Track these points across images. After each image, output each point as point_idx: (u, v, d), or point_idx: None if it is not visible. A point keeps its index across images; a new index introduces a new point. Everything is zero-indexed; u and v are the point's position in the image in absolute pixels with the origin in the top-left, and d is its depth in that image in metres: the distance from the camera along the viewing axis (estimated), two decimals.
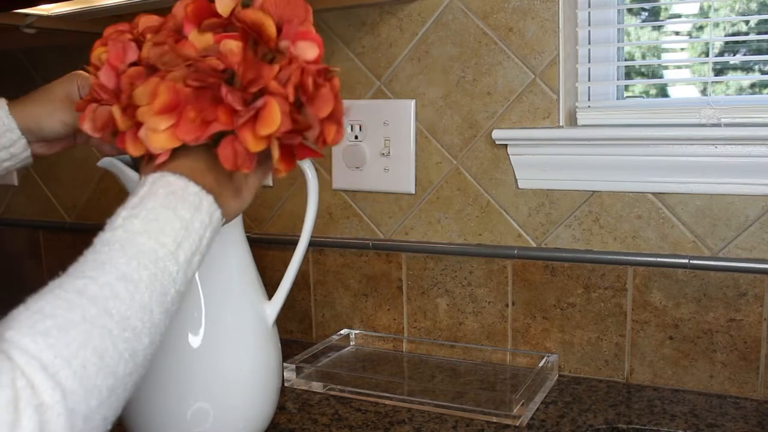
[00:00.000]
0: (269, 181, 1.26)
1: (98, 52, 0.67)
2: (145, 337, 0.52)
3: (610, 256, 1.01)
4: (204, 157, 0.62)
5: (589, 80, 1.08)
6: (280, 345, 0.83)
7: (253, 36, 0.62)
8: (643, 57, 1.12)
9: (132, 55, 0.65)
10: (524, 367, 1.07)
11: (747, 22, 1.03)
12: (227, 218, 0.64)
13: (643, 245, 1.00)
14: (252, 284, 0.80)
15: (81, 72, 0.80)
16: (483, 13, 1.05)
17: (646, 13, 1.09)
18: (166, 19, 0.67)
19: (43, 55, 1.49)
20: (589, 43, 1.06)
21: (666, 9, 1.07)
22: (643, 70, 1.12)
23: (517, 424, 0.88)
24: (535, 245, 1.06)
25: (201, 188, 0.60)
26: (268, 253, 1.25)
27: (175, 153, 0.62)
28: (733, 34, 1.04)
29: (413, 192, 1.14)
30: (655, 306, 0.99)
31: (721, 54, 1.04)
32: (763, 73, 1.02)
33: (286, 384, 1.03)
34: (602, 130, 0.98)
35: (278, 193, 1.26)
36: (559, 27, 1.01)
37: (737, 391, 0.96)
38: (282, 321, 1.25)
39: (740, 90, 1.03)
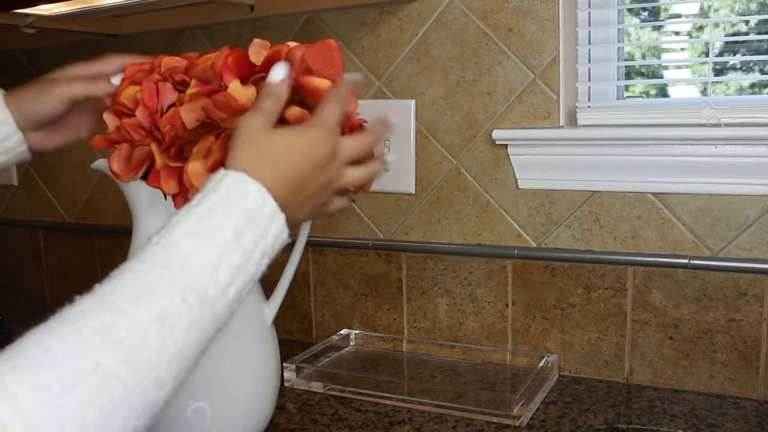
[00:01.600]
0: None
1: (131, 92, 0.68)
2: (169, 384, 0.45)
3: (610, 256, 1.01)
4: (304, 164, 0.55)
5: (589, 80, 1.08)
6: (278, 345, 0.83)
7: (310, 100, 0.64)
8: (643, 57, 1.12)
9: (170, 97, 0.66)
10: (524, 367, 1.07)
11: (747, 22, 1.03)
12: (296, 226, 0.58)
13: (643, 245, 1.00)
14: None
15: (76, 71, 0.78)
16: (483, 13, 1.05)
17: (646, 13, 1.09)
18: (193, 63, 0.69)
19: (43, 55, 1.49)
20: (589, 43, 1.06)
21: (666, 9, 1.07)
22: (643, 70, 1.12)
23: (517, 424, 0.88)
24: (535, 245, 1.06)
25: (277, 207, 0.52)
26: None
27: (275, 144, 0.55)
28: (733, 34, 1.04)
29: (413, 192, 1.14)
30: (655, 306, 0.99)
31: (721, 54, 1.04)
32: (763, 73, 1.02)
33: (286, 384, 1.03)
34: (602, 130, 0.98)
35: None
36: (559, 27, 1.01)
37: (737, 391, 0.96)
38: (282, 321, 1.25)
39: (740, 90, 1.03)
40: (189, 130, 0.65)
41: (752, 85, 1.03)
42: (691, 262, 0.96)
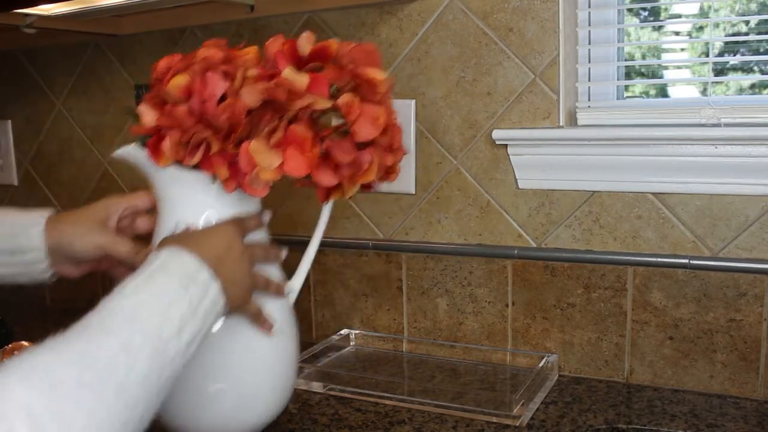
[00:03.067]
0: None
1: (179, 81, 0.71)
2: (140, 406, 0.51)
3: (610, 256, 1.01)
4: (221, 248, 0.67)
5: (589, 80, 1.08)
6: (297, 328, 0.84)
7: (363, 89, 0.73)
8: (643, 57, 1.12)
9: (221, 86, 0.70)
10: (524, 367, 1.07)
11: (747, 23, 1.03)
12: (230, 308, 0.67)
13: (643, 245, 1.00)
14: (271, 267, 0.80)
15: (118, 199, 0.84)
16: (483, 13, 1.05)
17: (646, 13, 1.09)
18: (234, 54, 0.74)
19: (43, 55, 1.49)
20: (589, 43, 1.06)
21: (666, 9, 1.07)
22: (643, 70, 1.12)
23: (517, 424, 0.88)
24: (535, 245, 1.06)
25: (212, 274, 0.62)
26: None
27: (194, 236, 0.69)
28: (733, 35, 1.04)
29: (413, 192, 1.14)
30: (655, 306, 0.99)
31: (721, 54, 1.04)
32: (763, 73, 1.02)
33: None
34: (602, 130, 0.98)
35: (277, 195, 1.26)
36: (559, 27, 1.01)
37: (737, 391, 0.96)
38: None
39: (740, 90, 1.03)
40: (245, 117, 0.69)
41: (752, 86, 1.03)
42: (691, 262, 0.96)
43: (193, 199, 0.76)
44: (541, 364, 1.02)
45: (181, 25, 1.29)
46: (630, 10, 1.07)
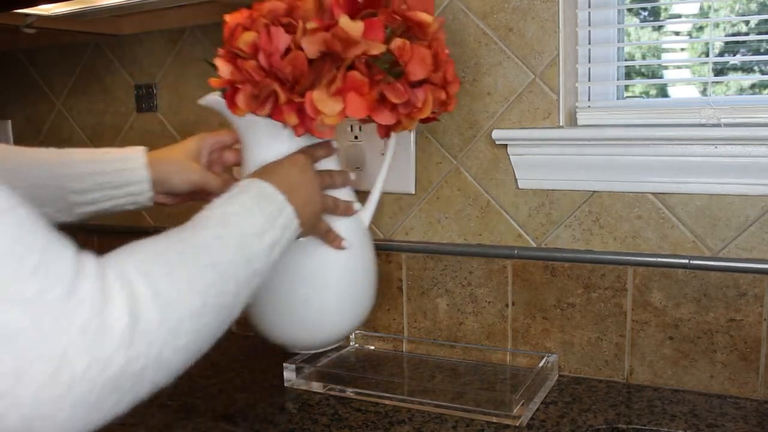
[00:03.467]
0: None
1: (247, 37, 0.76)
2: (231, 283, 0.60)
3: (610, 256, 1.01)
4: (293, 177, 0.76)
5: (589, 80, 1.08)
6: (374, 246, 0.94)
7: (413, 31, 0.81)
8: (643, 57, 1.12)
9: (285, 39, 0.76)
10: (524, 367, 1.07)
11: (747, 23, 1.03)
12: (302, 230, 0.75)
13: (643, 245, 1.00)
14: (348, 190, 0.90)
15: (208, 136, 0.94)
16: (483, 13, 1.05)
17: (646, 13, 1.09)
18: (294, 5, 0.79)
19: (43, 55, 1.49)
20: (589, 43, 1.06)
21: (666, 9, 1.07)
22: (643, 70, 1.12)
23: (517, 424, 0.88)
24: (535, 245, 1.06)
25: (285, 198, 0.72)
26: None
27: (270, 168, 0.77)
28: (733, 35, 1.04)
29: (413, 192, 1.14)
30: (655, 306, 0.99)
31: (721, 54, 1.04)
32: (763, 73, 1.02)
33: (286, 384, 1.03)
34: (602, 130, 0.98)
35: None
36: (559, 27, 1.01)
37: (737, 391, 0.96)
38: None
39: (740, 90, 1.03)
40: (308, 66, 0.76)
41: (752, 86, 1.03)
42: (691, 262, 0.96)
43: (269, 143, 0.85)
44: (541, 364, 1.02)
45: (181, 25, 1.29)
46: (630, 10, 1.07)
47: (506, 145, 1.05)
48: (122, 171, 0.88)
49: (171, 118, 1.35)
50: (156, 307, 0.50)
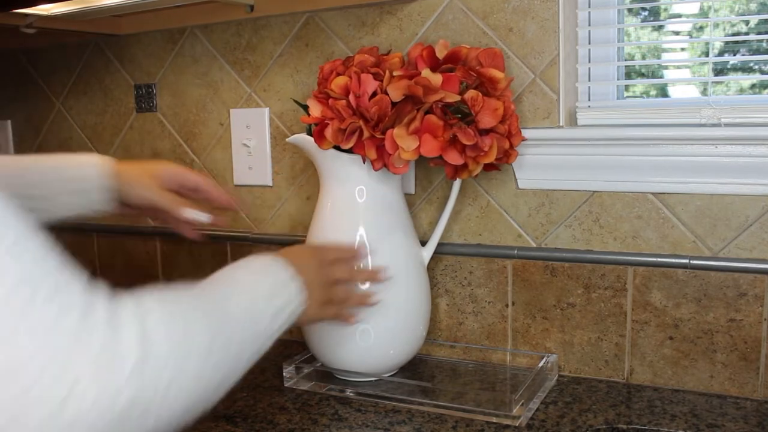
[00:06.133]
0: (269, 182, 1.26)
1: (340, 81, 0.90)
2: (236, 335, 0.63)
3: (610, 256, 1.01)
4: (314, 267, 0.82)
5: (589, 80, 1.08)
6: (429, 284, 1.04)
7: (485, 85, 0.92)
8: (643, 57, 1.12)
9: (372, 84, 0.88)
10: (524, 367, 1.07)
11: (747, 23, 1.03)
12: (304, 319, 0.80)
13: (643, 245, 1.00)
14: (410, 228, 1.02)
15: (180, 167, 0.96)
16: (483, 13, 1.05)
17: (646, 13, 1.09)
18: (383, 58, 0.95)
19: (43, 55, 1.49)
20: (589, 43, 1.06)
21: (666, 9, 1.07)
22: (643, 70, 1.12)
23: (517, 425, 0.88)
24: (535, 245, 1.06)
25: (300, 285, 0.76)
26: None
27: (289, 248, 0.83)
28: (733, 35, 1.04)
29: (413, 192, 1.14)
30: (655, 306, 0.99)
31: (721, 54, 1.04)
32: (763, 73, 1.02)
33: (286, 384, 1.03)
34: (602, 130, 0.98)
35: (278, 194, 1.26)
36: (559, 27, 1.01)
37: (737, 392, 0.96)
38: None
39: (740, 90, 1.03)
40: (391, 108, 0.87)
41: (752, 86, 1.03)
42: (691, 262, 0.96)
43: (349, 175, 0.96)
44: (541, 364, 1.02)
45: (180, 25, 1.29)
46: (630, 10, 1.07)
47: None
48: (82, 180, 0.90)
49: (171, 118, 1.35)
50: (166, 341, 0.51)
